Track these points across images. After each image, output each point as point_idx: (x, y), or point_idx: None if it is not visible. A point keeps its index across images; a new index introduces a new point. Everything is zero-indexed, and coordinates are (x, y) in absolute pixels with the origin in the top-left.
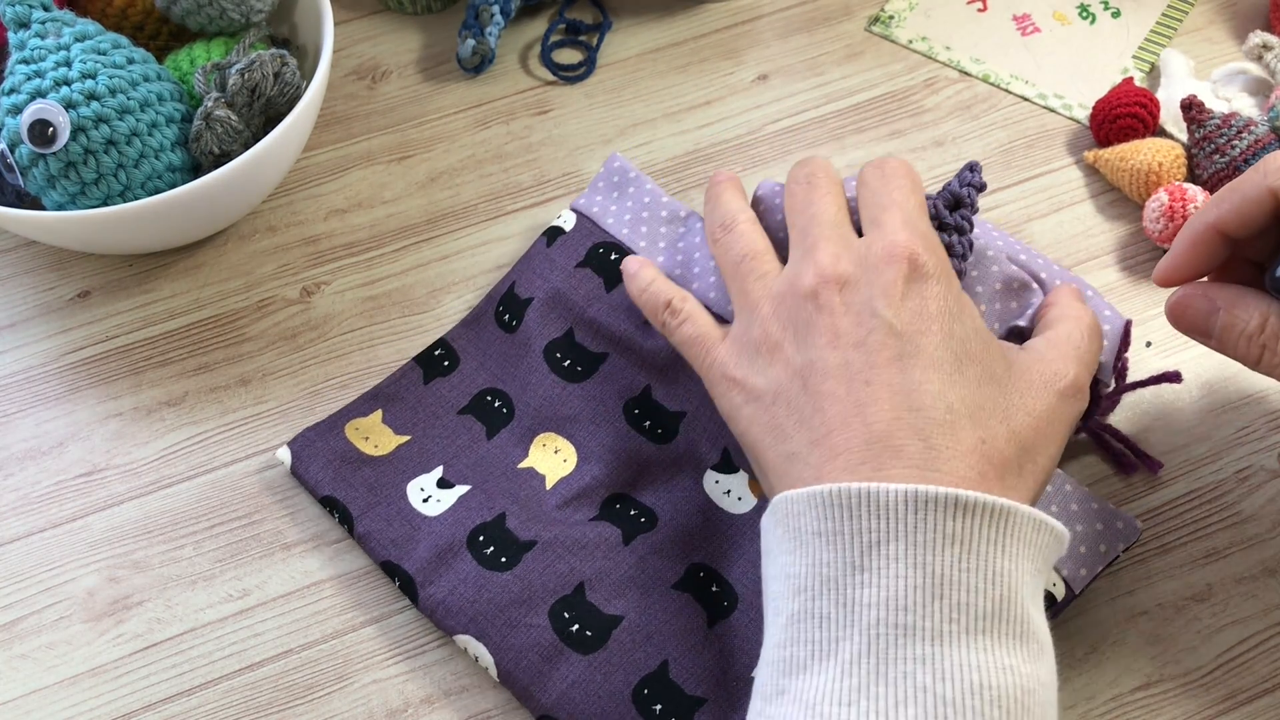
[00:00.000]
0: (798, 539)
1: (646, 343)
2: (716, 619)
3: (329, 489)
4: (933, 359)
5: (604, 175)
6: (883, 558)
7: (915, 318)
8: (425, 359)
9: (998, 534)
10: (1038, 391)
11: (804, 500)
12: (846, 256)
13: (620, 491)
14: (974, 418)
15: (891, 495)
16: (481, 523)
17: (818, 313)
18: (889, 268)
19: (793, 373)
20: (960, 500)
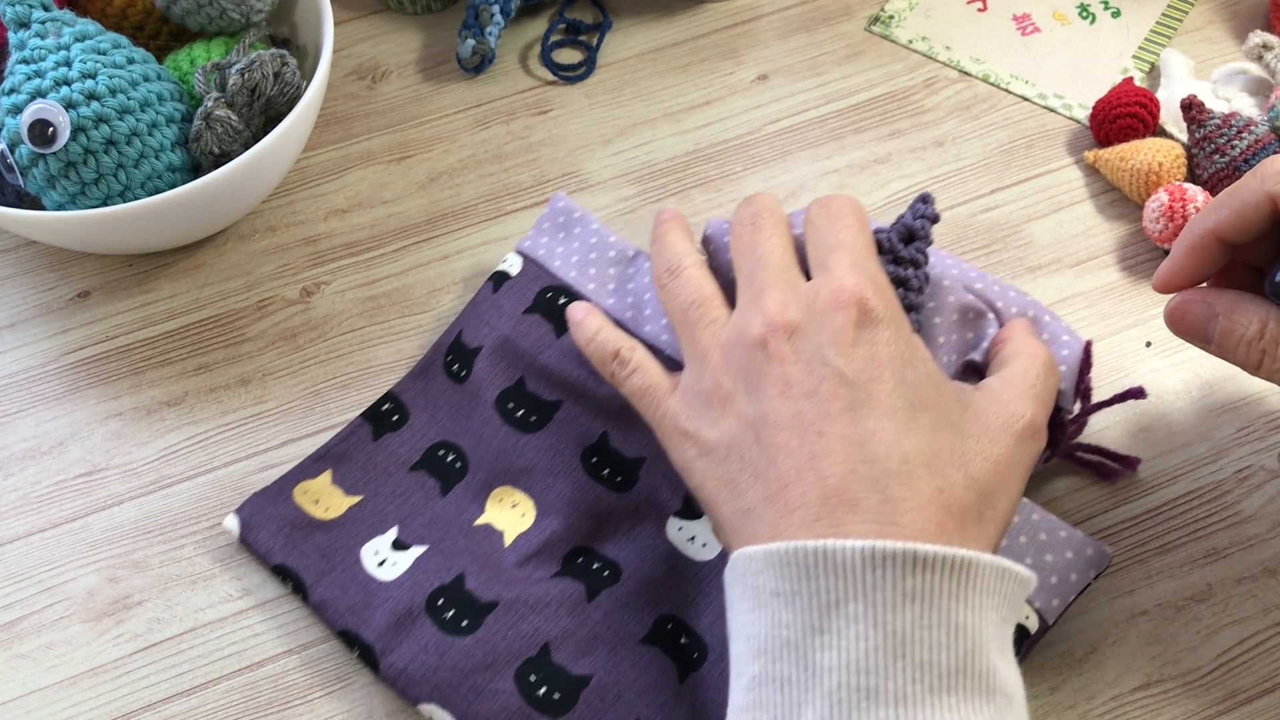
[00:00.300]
0: (757, 599)
1: (601, 388)
2: (687, 672)
3: (280, 557)
4: (886, 407)
5: (549, 216)
6: (842, 618)
7: (866, 365)
8: (373, 414)
9: (959, 587)
10: (995, 435)
11: (761, 559)
12: (794, 302)
13: (582, 545)
14: (930, 466)
15: (848, 553)
16: (440, 585)
17: (768, 362)
18: (838, 313)
19: (745, 425)
20: (919, 555)
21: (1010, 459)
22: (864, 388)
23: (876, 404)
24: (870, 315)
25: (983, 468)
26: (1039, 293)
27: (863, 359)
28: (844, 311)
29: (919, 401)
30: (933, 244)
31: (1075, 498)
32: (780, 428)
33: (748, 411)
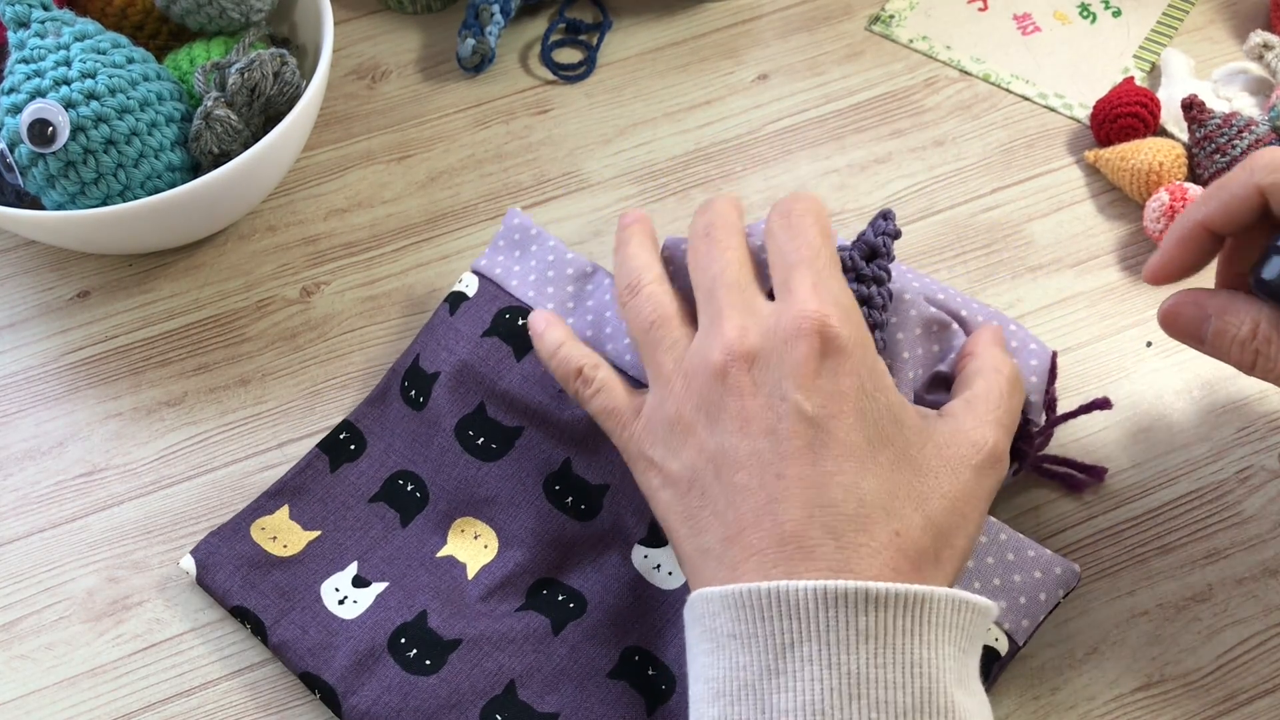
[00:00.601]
0: (714, 640)
1: (564, 413)
2: (656, 704)
3: (238, 598)
4: (845, 445)
5: (504, 234)
6: (798, 660)
7: (827, 399)
8: (330, 444)
9: (914, 623)
10: (954, 469)
11: (718, 601)
12: (754, 328)
13: (546, 576)
14: (888, 508)
15: (802, 594)
16: (402, 623)
17: (726, 394)
18: (799, 342)
19: (706, 459)
20: (872, 594)
21: (969, 493)
22: (824, 425)
23: (835, 442)
24: (833, 344)
25: (940, 506)
26: (1039, 293)
27: (824, 393)
28: (806, 341)
29: (879, 437)
30: (894, 260)
31: (1074, 498)
32: (739, 466)
33: (709, 445)
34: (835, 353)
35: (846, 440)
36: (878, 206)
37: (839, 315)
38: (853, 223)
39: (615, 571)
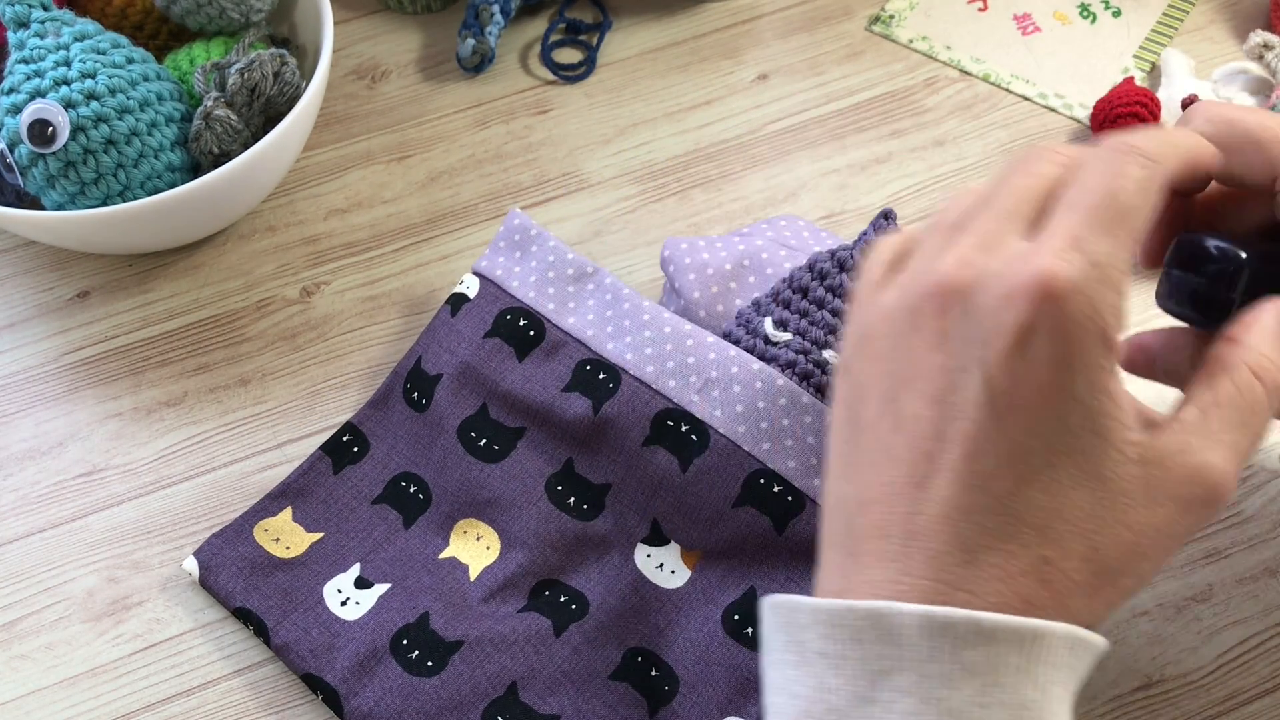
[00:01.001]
0: (801, 654)
1: (566, 413)
2: (658, 706)
3: (241, 600)
4: (1016, 446)
5: (504, 234)
6: (892, 690)
7: (1017, 386)
8: (333, 446)
9: (1026, 661)
10: (1153, 498)
11: (807, 613)
12: (978, 266)
13: (548, 577)
14: (1045, 530)
15: (903, 619)
16: (404, 625)
17: (913, 333)
18: (1014, 305)
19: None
20: (983, 626)
21: (1164, 529)
22: (1001, 416)
23: (1006, 440)
24: (1053, 322)
25: (1118, 537)
26: None
27: (1016, 378)
28: (1022, 307)
29: (1066, 447)
30: None
31: None
32: (897, 425)
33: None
34: (1051, 336)
35: (1021, 441)
36: (878, 206)
37: (1082, 290)
38: (853, 223)
39: (617, 572)
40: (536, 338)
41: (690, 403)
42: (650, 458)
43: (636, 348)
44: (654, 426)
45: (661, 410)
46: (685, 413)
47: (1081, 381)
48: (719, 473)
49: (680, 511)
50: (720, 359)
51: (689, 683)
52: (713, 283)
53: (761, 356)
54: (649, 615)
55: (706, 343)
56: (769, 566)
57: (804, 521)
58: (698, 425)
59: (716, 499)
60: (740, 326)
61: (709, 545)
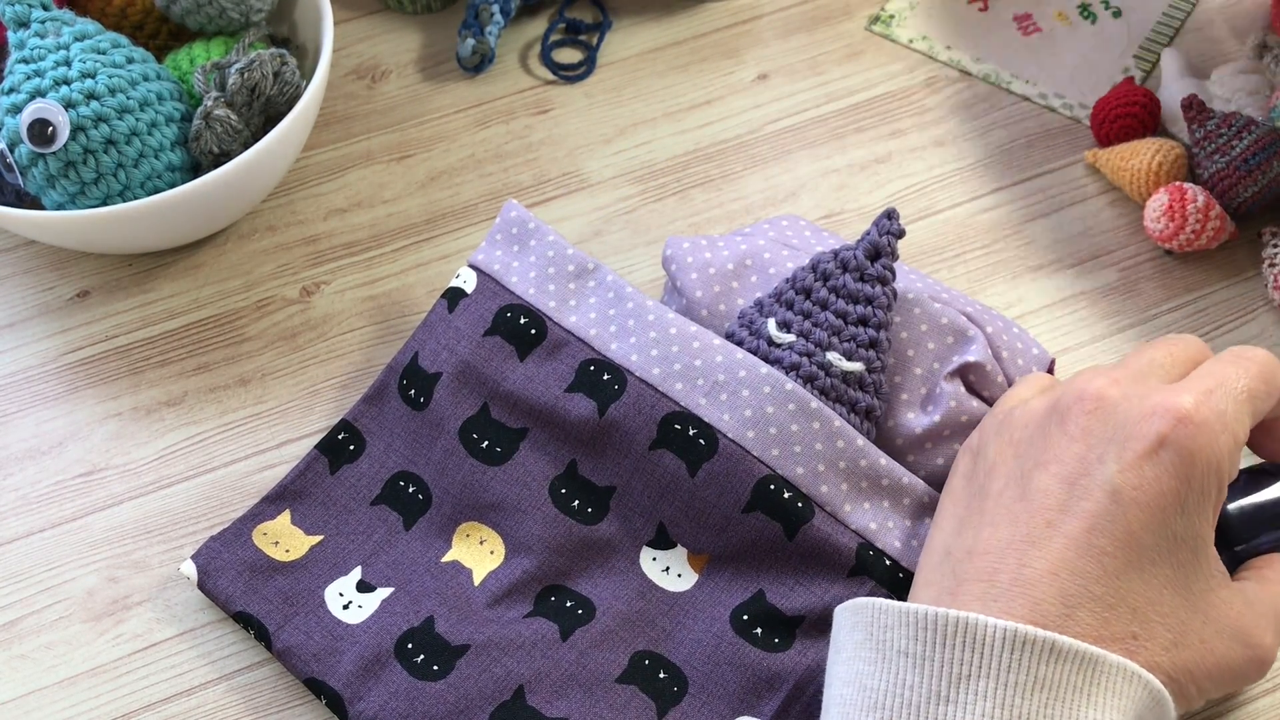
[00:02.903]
0: (881, 652)
1: (569, 414)
2: (668, 708)
3: (241, 604)
4: (1130, 537)
5: (501, 227)
6: (971, 692)
7: (1139, 487)
8: (329, 445)
9: (1085, 682)
10: (1230, 635)
11: (895, 614)
12: (1125, 388)
13: (554, 583)
14: (1139, 613)
15: (988, 630)
16: (409, 628)
17: (1060, 425)
18: (1153, 422)
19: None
20: (1055, 645)
21: (1224, 666)
22: (1123, 506)
23: (1121, 529)
24: (1182, 444)
25: (1196, 651)
26: (1039, 293)
27: (1140, 478)
28: (1159, 423)
29: (1168, 554)
30: (898, 259)
31: None
32: (1024, 496)
33: (1013, 461)
34: (1179, 453)
35: (1134, 533)
36: (878, 206)
37: (1210, 427)
38: (853, 223)
39: (623, 576)
40: (538, 336)
41: (698, 406)
42: (657, 461)
43: (641, 349)
44: (661, 429)
45: (668, 413)
46: (693, 416)
47: (1193, 500)
48: (729, 478)
49: (688, 516)
50: (728, 362)
51: (698, 683)
52: (715, 282)
53: (765, 358)
54: (656, 618)
55: (713, 345)
56: (778, 571)
57: (813, 528)
58: (705, 429)
59: (726, 504)
60: (743, 327)
61: (717, 550)
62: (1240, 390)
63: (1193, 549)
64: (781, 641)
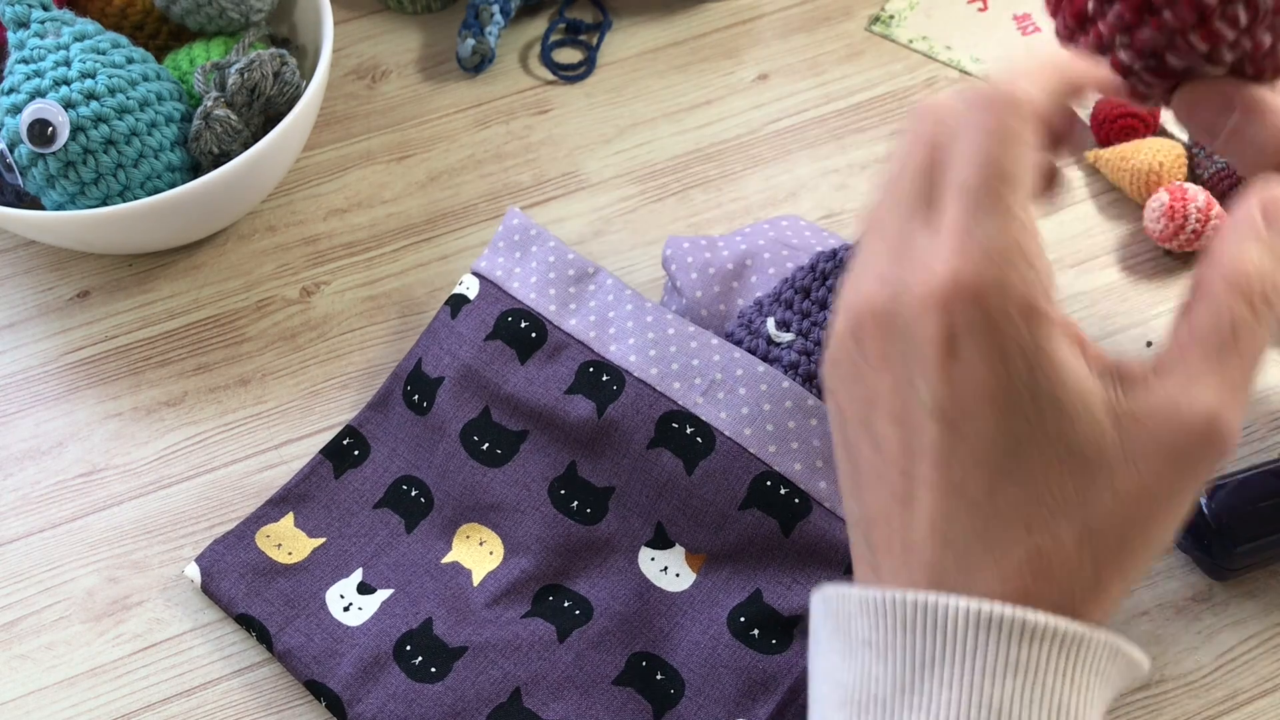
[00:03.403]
0: (847, 643)
1: (569, 416)
2: (664, 710)
3: (243, 606)
4: (979, 449)
5: (503, 234)
6: (936, 681)
7: (957, 393)
8: (334, 450)
9: (1067, 664)
10: (1140, 458)
11: (855, 602)
12: (892, 281)
13: (552, 582)
14: (1031, 522)
15: (951, 611)
16: (408, 630)
17: (860, 359)
18: (929, 317)
19: (847, 415)
20: (1029, 625)
21: (1157, 490)
22: (954, 425)
23: (967, 447)
24: (969, 319)
25: (1109, 509)
26: None
27: (956, 385)
28: (936, 316)
29: (1031, 437)
30: None
31: None
32: (873, 445)
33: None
34: (971, 332)
35: (982, 445)
36: None
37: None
38: (853, 223)
39: (621, 576)
40: (538, 340)
41: (695, 405)
42: (655, 460)
43: (640, 349)
44: (658, 429)
45: (666, 412)
46: (690, 415)
47: (1021, 367)
48: (725, 475)
49: (686, 514)
50: (725, 361)
51: (695, 686)
52: (714, 282)
53: (764, 357)
54: (653, 619)
55: (711, 344)
56: (775, 569)
57: (810, 524)
58: (703, 427)
59: (723, 502)
60: (742, 327)
61: (714, 548)
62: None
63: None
64: (779, 643)
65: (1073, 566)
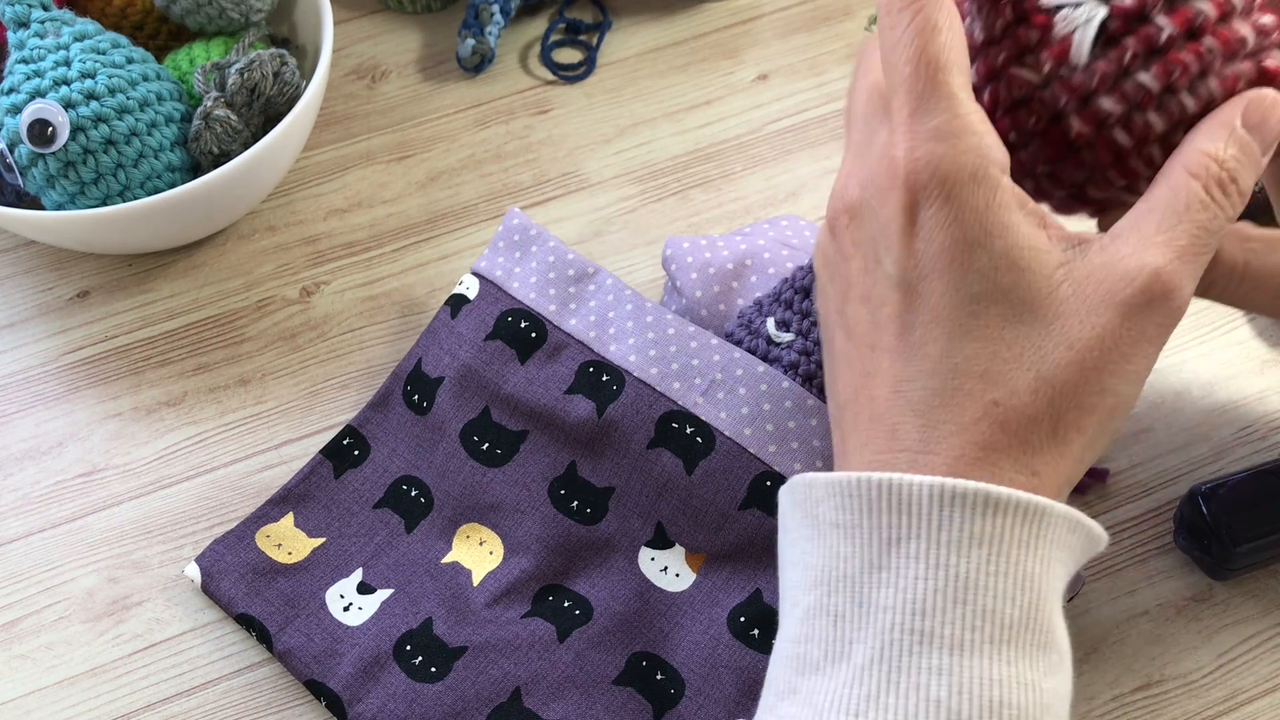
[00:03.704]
0: (815, 527)
1: (569, 416)
2: (664, 710)
3: (243, 606)
4: (937, 310)
5: (503, 234)
6: (903, 556)
7: (918, 261)
8: (334, 450)
9: (1030, 535)
10: (1091, 309)
11: (823, 487)
12: (858, 174)
13: (552, 582)
14: (987, 375)
15: (915, 489)
16: (408, 630)
17: (837, 252)
18: (888, 196)
19: (827, 314)
20: (991, 497)
21: (1106, 339)
22: (914, 289)
23: (927, 308)
24: (925, 193)
25: (1063, 359)
26: None
27: (915, 255)
28: (893, 195)
29: (987, 293)
30: None
31: (1075, 497)
32: (846, 333)
33: (829, 300)
34: (929, 202)
35: (940, 304)
36: None
37: (934, 154)
38: None
39: (621, 576)
40: (538, 340)
41: (695, 405)
42: (655, 460)
43: (640, 349)
44: (658, 429)
45: (666, 413)
46: (690, 415)
47: (976, 228)
48: (725, 475)
49: (685, 514)
50: (725, 361)
51: (695, 686)
52: (715, 282)
53: (764, 357)
54: (653, 619)
55: (711, 344)
56: (775, 569)
57: None
58: (703, 428)
59: (722, 502)
60: (742, 327)
61: (714, 548)
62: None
63: (1010, 266)
64: None
65: (1030, 415)
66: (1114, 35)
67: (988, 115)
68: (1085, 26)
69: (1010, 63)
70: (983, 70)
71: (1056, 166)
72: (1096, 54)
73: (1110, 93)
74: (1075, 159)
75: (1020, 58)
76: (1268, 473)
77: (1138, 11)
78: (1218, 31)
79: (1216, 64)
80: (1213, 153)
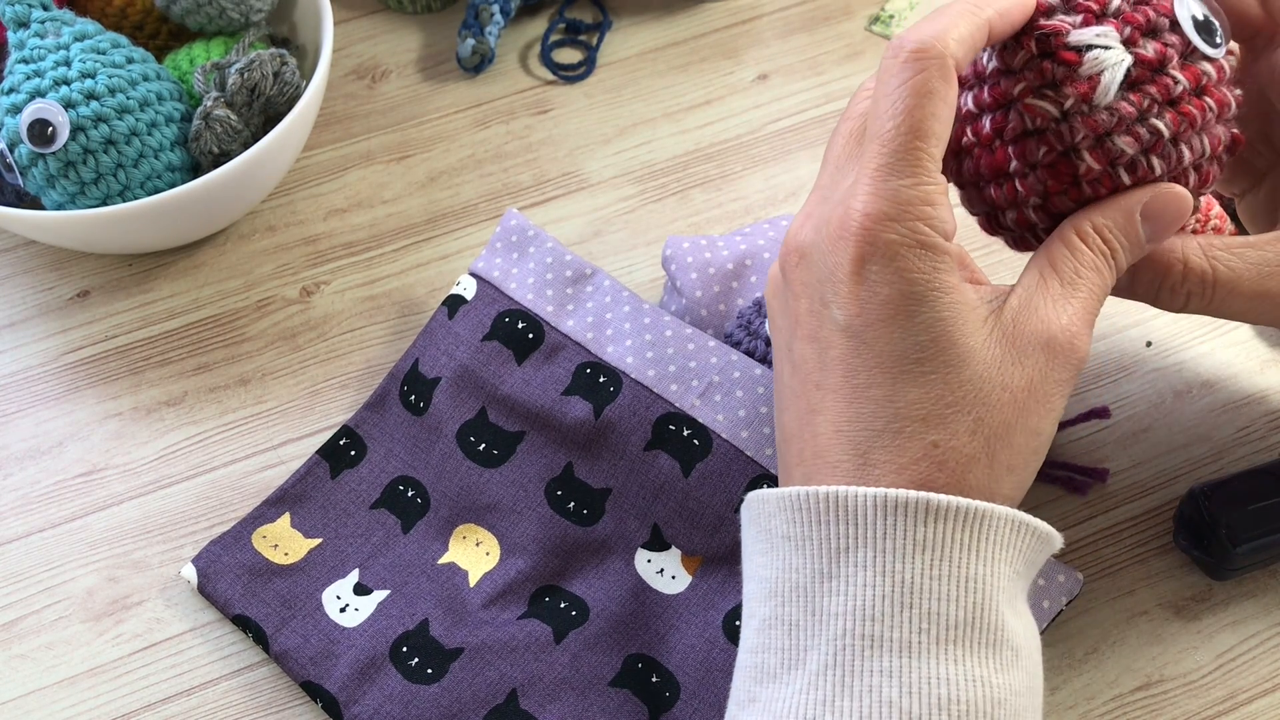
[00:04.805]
0: (769, 541)
1: (566, 417)
2: (660, 712)
3: (240, 607)
4: (882, 356)
5: (501, 235)
6: (851, 565)
7: (863, 309)
8: (330, 451)
9: (972, 538)
10: (1020, 356)
11: (774, 502)
12: (815, 218)
13: (549, 583)
14: (929, 419)
15: (860, 500)
16: (404, 632)
17: (787, 289)
18: (839, 245)
19: (778, 345)
20: (932, 505)
21: (1035, 382)
22: (860, 336)
23: (871, 354)
24: (874, 249)
25: (998, 400)
26: None
27: (861, 303)
28: (846, 245)
29: (929, 342)
30: None
31: (1075, 497)
32: (793, 368)
33: (779, 335)
34: (876, 259)
35: (886, 351)
36: None
37: (888, 216)
38: None
39: (618, 577)
40: (535, 340)
41: (692, 407)
42: (652, 462)
43: (637, 351)
44: (655, 431)
45: (663, 414)
46: (687, 417)
47: (921, 284)
48: (722, 477)
49: (682, 516)
50: (722, 363)
51: (690, 689)
52: (714, 282)
53: (762, 358)
54: (649, 621)
55: (708, 346)
56: None
57: None
58: (700, 430)
59: (719, 504)
60: (741, 328)
61: (710, 551)
62: (904, 131)
63: (953, 319)
64: None
65: (968, 454)
66: (1134, 81)
67: (987, 143)
68: (1115, 68)
69: (1029, 94)
70: (991, 98)
71: (1053, 198)
72: (1119, 96)
73: (1126, 133)
74: (1075, 192)
75: (1040, 90)
76: (1268, 473)
77: (1158, 63)
78: (1215, 93)
79: (1211, 122)
80: (1103, 228)
